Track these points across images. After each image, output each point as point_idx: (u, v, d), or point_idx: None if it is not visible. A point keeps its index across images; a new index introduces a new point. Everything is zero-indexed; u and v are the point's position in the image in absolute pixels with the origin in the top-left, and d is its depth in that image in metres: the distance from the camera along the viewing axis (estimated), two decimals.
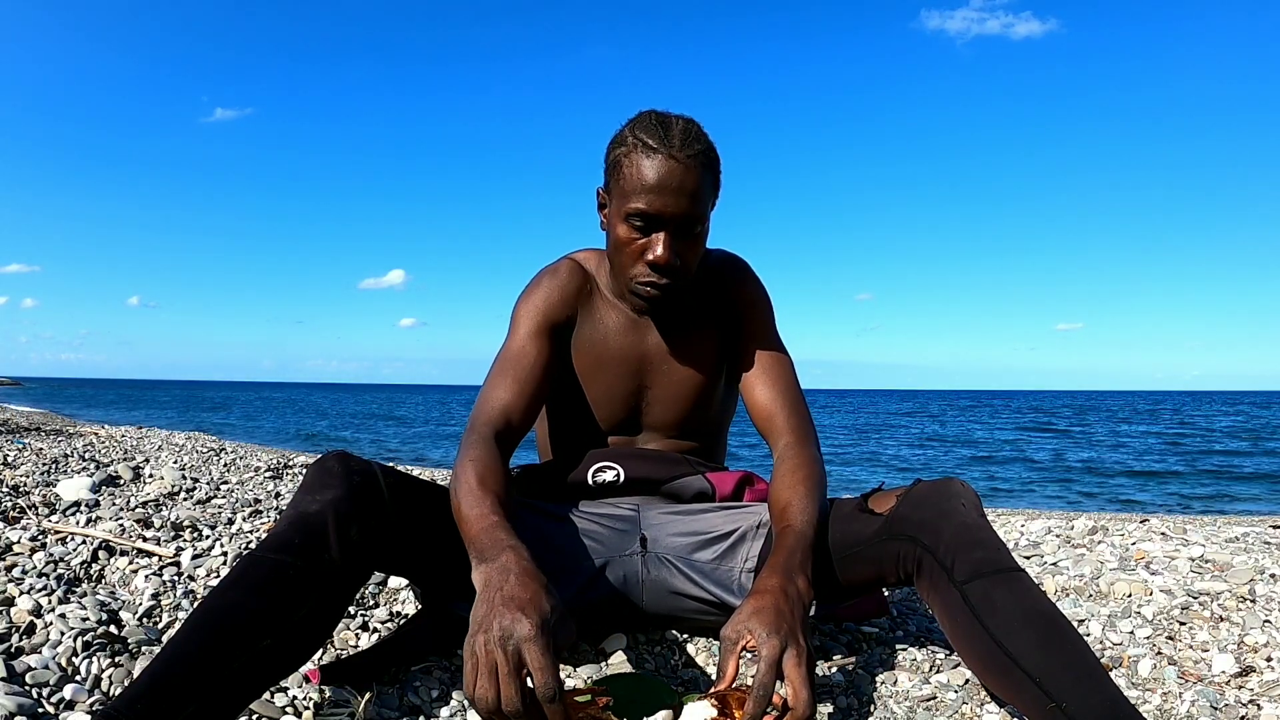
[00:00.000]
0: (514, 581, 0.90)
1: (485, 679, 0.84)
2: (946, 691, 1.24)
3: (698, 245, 1.27)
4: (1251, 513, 7.50)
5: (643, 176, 1.21)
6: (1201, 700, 1.20)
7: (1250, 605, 1.58)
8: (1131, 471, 13.37)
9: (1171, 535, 2.27)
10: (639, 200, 1.22)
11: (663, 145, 1.21)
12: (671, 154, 1.20)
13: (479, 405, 1.29)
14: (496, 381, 1.30)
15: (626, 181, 1.23)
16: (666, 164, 1.20)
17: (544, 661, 0.83)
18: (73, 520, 2.03)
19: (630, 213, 1.23)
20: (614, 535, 1.33)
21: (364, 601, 1.54)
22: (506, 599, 0.88)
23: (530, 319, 1.35)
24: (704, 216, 1.25)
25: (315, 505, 1.06)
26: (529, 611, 0.86)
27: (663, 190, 1.21)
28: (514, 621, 0.85)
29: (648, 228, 1.24)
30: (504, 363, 1.32)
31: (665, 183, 1.20)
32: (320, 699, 1.11)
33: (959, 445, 19.14)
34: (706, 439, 1.46)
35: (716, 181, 1.29)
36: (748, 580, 1.30)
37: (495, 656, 0.84)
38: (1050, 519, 3.25)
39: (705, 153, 1.23)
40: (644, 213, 1.22)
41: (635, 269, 1.26)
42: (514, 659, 0.84)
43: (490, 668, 0.84)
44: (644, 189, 1.21)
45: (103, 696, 1.10)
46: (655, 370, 1.38)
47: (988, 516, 1.18)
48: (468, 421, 1.27)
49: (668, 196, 1.21)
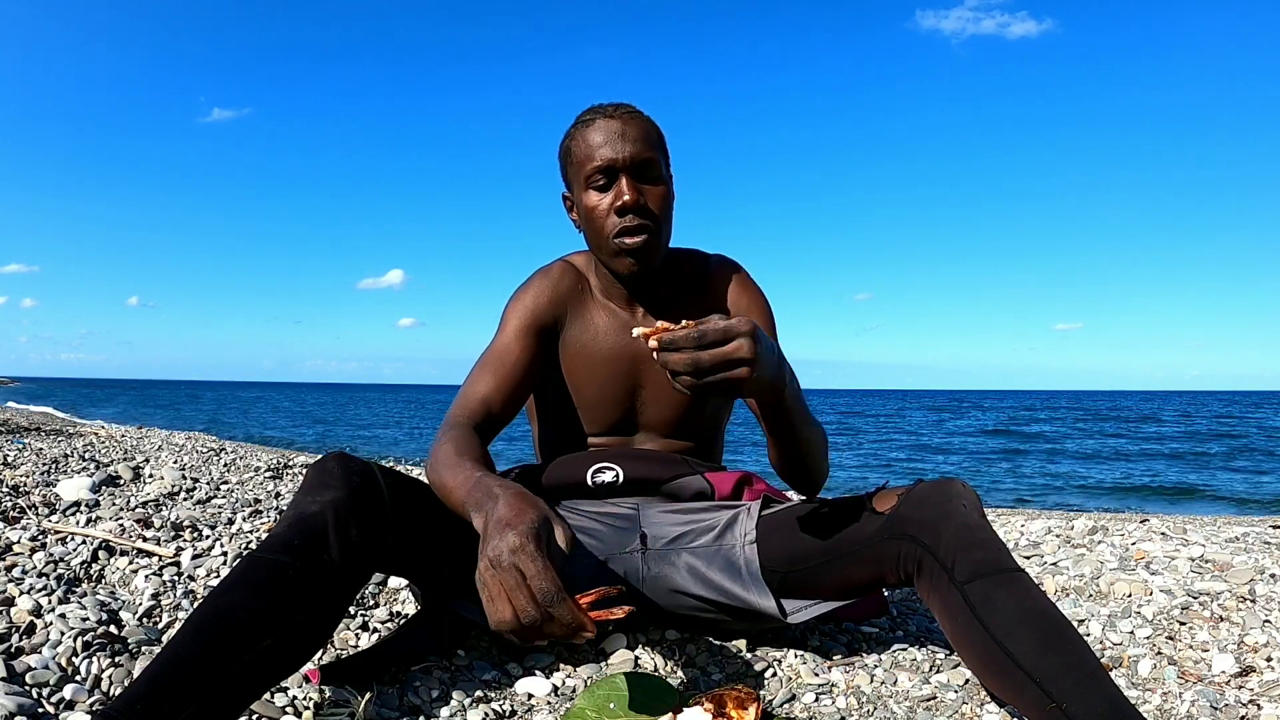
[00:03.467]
0: (501, 505, 0.92)
1: (497, 601, 0.86)
2: (946, 691, 1.24)
3: (661, 189, 1.32)
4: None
5: (589, 142, 1.30)
6: (1201, 700, 1.20)
7: (1250, 605, 1.58)
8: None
9: (1171, 535, 2.27)
10: (592, 161, 1.29)
11: (597, 113, 1.32)
12: (607, 114, 1.31)
13: (459, 398, 1.30)
14: (479, 376, 1.32)
15: (578, 155, 1.32)
16: (605, 123, 1.30)
17: (537, 567, 0.85)
18: (73, 520, 2.03)
19: (589, 175, 1.30)
20: (614, 533, 1.33)
21: (364, 601, 1.54)
22: (495, 523, 0.89)
23: (518, 317, 1.36)
24: (656, 161, 1.31)
25: (315, 506, 1.06)
26: (515, 524, 0.88)
27: (609, 143, 1.29)
28: (503, 539, 0.87)
29: (607, 183, 1.30)
30: (488, 359, 1.34)
31: (608, 136, 1.29)
32: (320, 699, 1.11)
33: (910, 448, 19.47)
34: (703, 439, 1.46)
35: (661, 140, 1.35)
36: (751, 554, 1.29)
37: (499, 578, 0.86)
38: (1050, 519, 3.25)
39: (639, 112, 1.34)
40: (599, 167, 1.29)
41: (608, 225, 1.30)
42: (513, 574, 0.85)
43: (497, 589, 0.86)
44: (593, 150, 1.30)
45: (103, 696, 1.10)
46: (649, 371, 1.38)
47: (988, 516, 1.18)
48: (445, 418, 1.27)
49: (615, 144, 1.29)
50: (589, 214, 1.32)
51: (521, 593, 0.85)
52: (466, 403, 1.28)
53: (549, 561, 0.86)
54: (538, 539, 0.87)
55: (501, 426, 1.31)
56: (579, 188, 1.33)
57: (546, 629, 0.86)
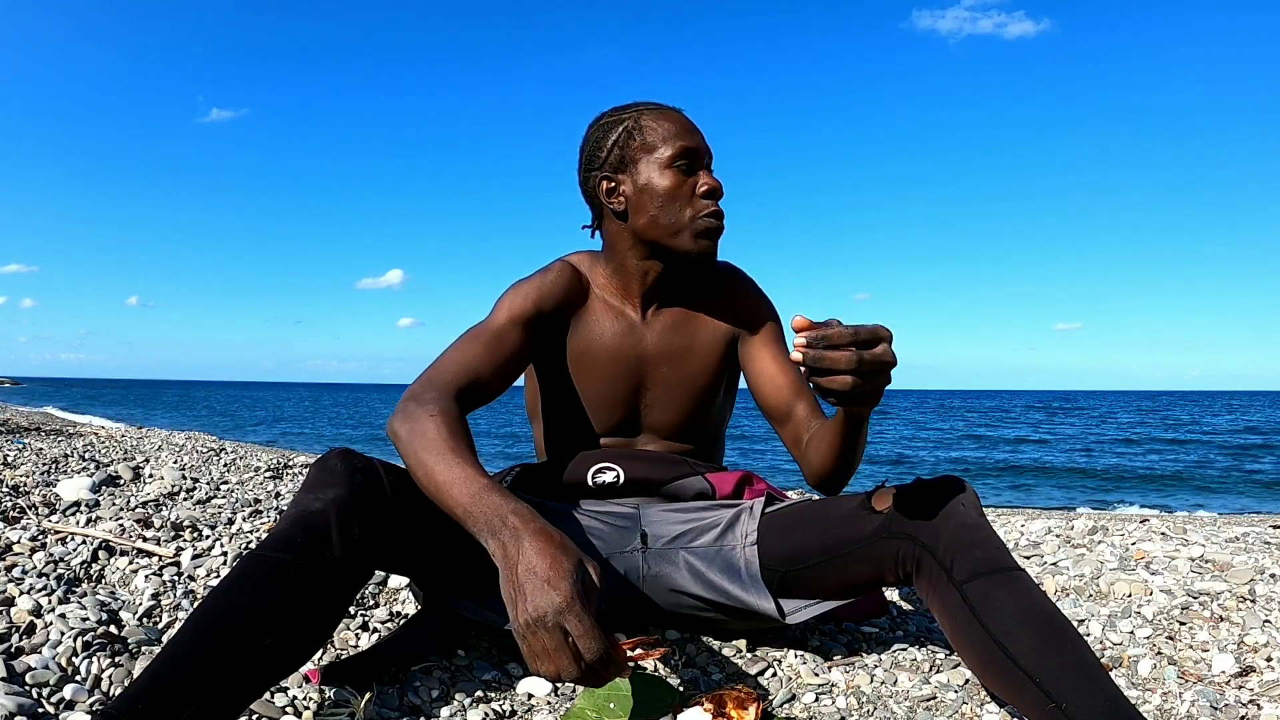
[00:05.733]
0: (530, 551, 0.89)
1: (540, 659, 0.86)
2: (946, 691, 1.24)
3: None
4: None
5: (669, 125, 1.32)
6: (1201, 700, 1.20)
7: (1250, 605, 1.58)
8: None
9: (1171, 535, 2.27)
10: (678, 141, 1.30)
11: (658, 105, 1.35)
12: (670, 109, 1.35)
13: (438, 364, 1.22)
14: (467, 346, 1.25)
15: (653, 136, 1.31)
16: (676, 114, 1.34)
17: (584, 627, 0.84)
18: (73, 520, 2.03)
19: (676, 155, 1.30)
20: (614, 532, 1.33)
21: (364, 601, 1.54)
22: (528, 573, 0.87)
23: (517, 303, 1.31)
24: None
25: (317, 504, 1.05)
26: (555, 582, 0.86)
27: (691, 131, 1.32)
28: (545, 598, 0.85)
29: (691, 165, 1.31)
30: (479, 332, 1.27)
31: (687, 126, 1.33)
32: (320, 699, 1.11)
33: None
34: (705, 440, 1.46)
35: None
36: (752, 555, 1.29)
37: (542, 638, 0.85)
38: (1050, 519, 3.25)
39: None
40: (687, 148, 1.30)
41: (694, 207, 1.31)
42: (558, 633, 0.85)
43: (540, 647, 0.85)
44: (676, 133, 1.31)
45: (103, 696, 1.10)
46: (653, 372, 1.38)
47: (986, 516, 1.18)
48: (416, 380, 1.18)
49: (697, 136, 1.33)
50: (669, 193, 1.29)
51: (566, 652, 0.84)
52: (450, 366, 1.20)
53: (594, 619, 0.85)
54: (582, 597, 0.86)
55: (484, 402, 1.23)
56: (652, 167, 1.30)
57: (586, 680, 0.87)
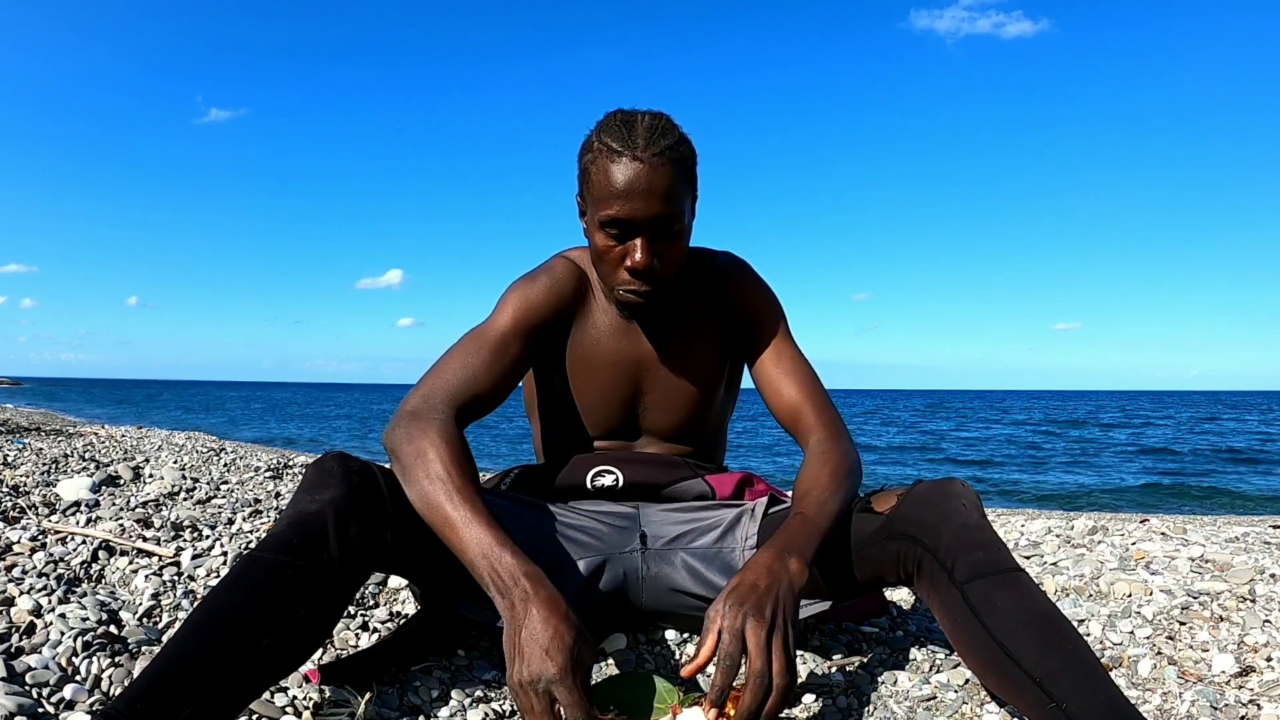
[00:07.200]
0: (536, 618, 0.95)
1: (526, 715, 0.93)
2: (946, 691, 1.24)
3: (679, 243, 1.25)
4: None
5: (611, 182, 1.18)
6: (1201, 700, 1.20)
7: (1250, 605, 1.58)
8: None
9: (1171, 535, 2.27)
10: (609, 207, 1.19)
11: (627, 147, 1.17)
12: (636, 155, 1.17)
13: (439, 374, 1.21)
14: (470, 357, 1.23)
15: (596, 189, 1.20)
16: (632, 166, 1.17)
17: (573, 699, 0.91)
18: (73, 520, 2.03)
19: (604, 221, 1.20)
20: (614, 532, 1.33)
21: (364, 601, 1.54)
22: (531, 638, 0.94)
23: (519, 311, 1.29)
24: (679, 215, 1.21)
25: (315, 505, 1.05)
26: (554, 654, 0.93)
27: (632, 194, 1.17)
28: (541, 665, 0.92)
29: (623, 234, 1.21)
30: (482, 341, 1.26)
31: (634, 186, 1.17)
32: (320, 699, 1.11)
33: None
34: (705, 441, 1.45)
35: (691, 176, 1.25)
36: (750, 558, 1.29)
37: (532, 700, 0.92)
38: (1050, 519, 3.25)
39: (673, 148, 1.19)
40: (616, 219, 1.19)
41: (617, 276, 1.25)
42: (546, 699, 0.92)
43: (529, 708, 0.92)
44: (613, 195, 1.18)
45: (103, 696, 1.10)
46: (653, 375, 1.37)
47: (988, 516, 1.18)
48: (416, 391, 1.19)
49: (638, 200, 1.17)
50: (597, 252, 1.25)
51: (550, 717, 0.92)
52: (450, 379, 1.20)
53: (583, 692, 0.92)
54: (574, 672, 0.93)
55: (483, 415, 1.24)
56: (592, 216, 1.24)
57: None
